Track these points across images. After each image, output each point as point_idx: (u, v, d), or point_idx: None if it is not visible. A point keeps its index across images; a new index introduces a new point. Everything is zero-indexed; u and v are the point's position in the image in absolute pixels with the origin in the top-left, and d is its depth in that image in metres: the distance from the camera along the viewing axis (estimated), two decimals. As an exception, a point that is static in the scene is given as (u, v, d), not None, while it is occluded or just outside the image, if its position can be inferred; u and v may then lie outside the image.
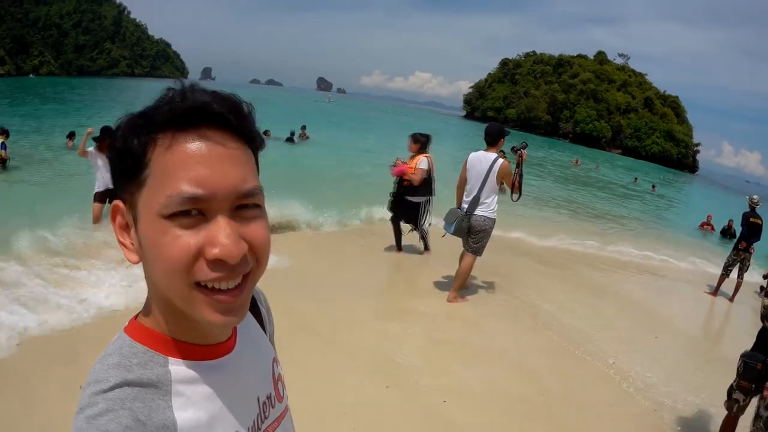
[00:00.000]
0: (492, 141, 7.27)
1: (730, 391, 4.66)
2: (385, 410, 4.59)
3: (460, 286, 7.45)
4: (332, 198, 11.81)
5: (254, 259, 0.85)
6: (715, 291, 11.31)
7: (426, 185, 9.00)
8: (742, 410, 4.60)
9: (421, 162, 8.87)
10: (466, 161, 7.31)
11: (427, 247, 9.71)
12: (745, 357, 4.48)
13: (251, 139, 0.89)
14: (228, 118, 0.83)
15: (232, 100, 0.86)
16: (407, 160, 9.07)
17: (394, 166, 9.07)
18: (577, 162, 46.64)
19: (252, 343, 1.07)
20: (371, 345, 5.77)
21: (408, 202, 9.06)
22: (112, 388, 0.80)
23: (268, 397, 1.06)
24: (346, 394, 4.70)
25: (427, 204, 9.17)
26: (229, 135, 0.84)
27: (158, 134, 0.81)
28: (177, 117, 0.81)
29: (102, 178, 8.90)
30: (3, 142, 12.88)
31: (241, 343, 1.02)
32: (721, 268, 11.56)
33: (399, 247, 9.60)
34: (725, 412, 4.97)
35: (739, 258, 11.38)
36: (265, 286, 1.14)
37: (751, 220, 11.31)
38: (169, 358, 0.88)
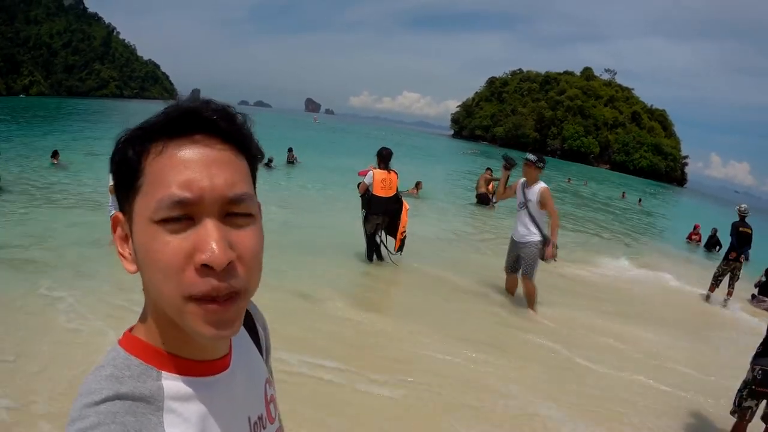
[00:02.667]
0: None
1: (740, 400, 4.67)
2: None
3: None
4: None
5: (243, 271, 0.83)
6: (706, 300, 11.28)
7: (365, 199, 8.96)
8: (753, 415, 4.64)
9: (367, 175, 8.93)
10: (551, 194, 7.78)
11: (380, 257, 9.44)
12: (761, 364, 4.56)
13: (245, 147, 0.89)
14: (218, 123, 0.84)
15: (224, 108, 0.87)
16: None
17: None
18: (569, 180, 46.91)
19: (246, 362, 1.06)
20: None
21: None
22: (103, 401, 0.79)
23: (260, 418, 1.05)
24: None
25: (365, 216, 9.06)
26: (219, 140, 0.84)
27: (152, 143, 0.82)
28: (169, 124, 0.82)
29: None
30: None
31: (236, 361, 1.01)
32: (711, 278, 11.49)
33: (376, 257, 9.39)
34: (717, 416, 5.23)
35: (729, 268, 11.31)
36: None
37: (741, 229, 11.28)
38: (163, 372, 0.87)
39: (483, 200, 19.67)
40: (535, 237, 7.65)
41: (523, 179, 7.81)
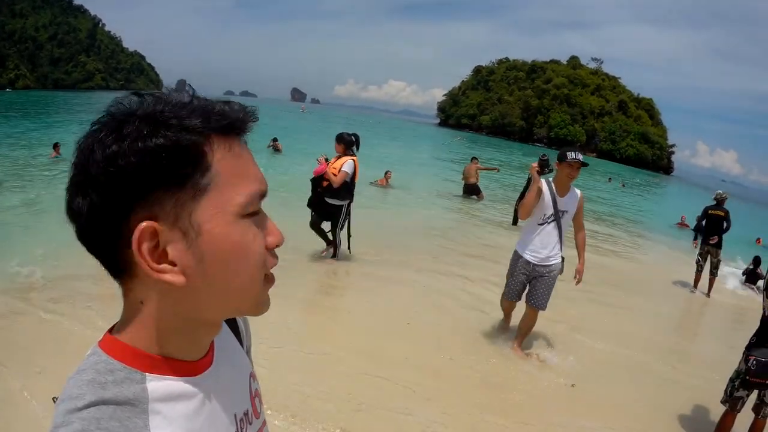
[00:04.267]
0: None
1: (732, 390, 4.68)
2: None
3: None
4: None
5: None
6: (694, 286, 11.51)
7: (346, 189, 8.50)
8: (743, 405, 4.67)
9: (346, 164, 8.37)
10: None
11: (335, 255, 8.97)
12: (756, 355, 4.52)
13: None
14: (250, 128, 0.89)
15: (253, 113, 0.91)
16: (332, 161, 8.58)
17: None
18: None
19: (229, 358, 1.05)
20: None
21: (329, 204, 8.59)
22: (87, 407, 0.78)
23: (246, 414, 1.05)
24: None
25: (347, 208, 8.68)
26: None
27: (212, 138, 0.81)
28: (231, 125, 0.84)
29: None
30: None
31: (218, 358, 1.00)
32: (695, 264, 11.64)
33: (328, 242, 9.07)
34: (707, 405, 5.51)
35: (704, 251, 11.44)
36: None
37: (710, 212, 11.50)
38: (147, 374, 0.85)
39: (472, 191, 19.53)
40: (559, 258, 6.12)
41: (546, 184, 5.96)
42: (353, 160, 8.48)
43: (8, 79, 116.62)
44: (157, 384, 0.86)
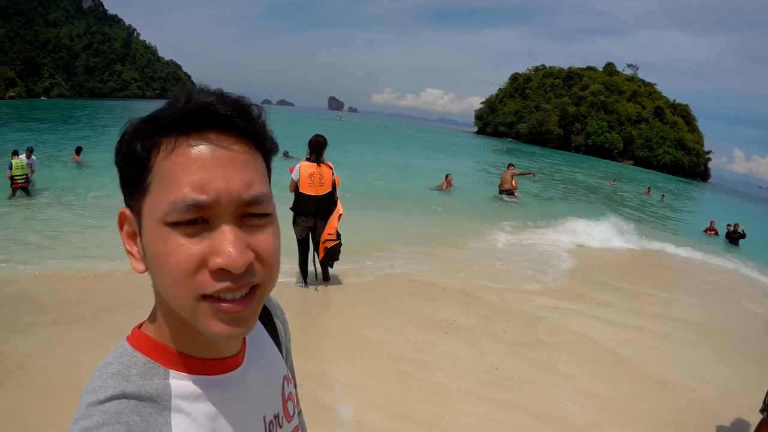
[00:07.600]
0: None
1: None
2: None
3: None
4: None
5: (263, 270, 0.81)
6: None
7: (295, 198, 7.44)
8: None
9: (294, 170, 7.38)
10: None
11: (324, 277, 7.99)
12: None
13: (260, 143, 0.86)
14: (234, 120, 0.80)
15: (239, 102, 0.83)
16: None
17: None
18: (613, 181, 46.51)
19: (262, 358, 1.03)
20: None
21: None
22: (108, 400, 0.78)
23: (276, 417, 1.02)
24: None
25: (293, 221, 7.52)
26: (234, 138, 0.81)
27: (162, 138, 0.79)
28: (180, 120, 0.78)
29: None
30: (29, 161, 13.24)
31: (250, 358, 0.98)
32: None
33: (323, 276, 8.00)
34: (744, 413, 5.31)
35: None
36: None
37: None
38: (171, 371, 0.85)
39: (506, 194, 19.34)
40: None
41: None
42: (300, 165, 7.41)
43: (43, 87, 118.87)
44: (181, 381, 0.85)
